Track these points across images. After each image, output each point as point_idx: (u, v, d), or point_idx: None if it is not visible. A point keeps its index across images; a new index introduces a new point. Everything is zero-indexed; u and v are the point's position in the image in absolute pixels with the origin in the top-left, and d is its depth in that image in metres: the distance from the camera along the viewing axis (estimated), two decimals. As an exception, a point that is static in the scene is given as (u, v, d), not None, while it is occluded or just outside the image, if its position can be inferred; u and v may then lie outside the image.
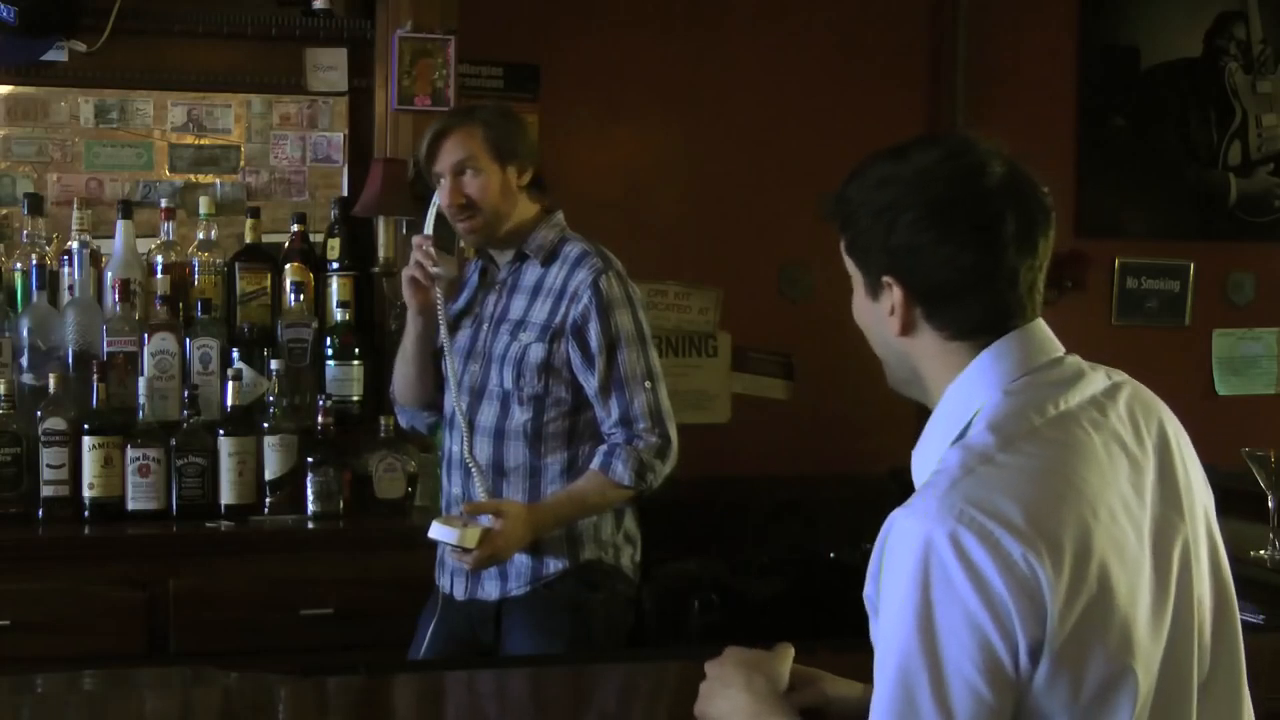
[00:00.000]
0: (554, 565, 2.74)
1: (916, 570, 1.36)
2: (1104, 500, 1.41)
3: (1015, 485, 1.39)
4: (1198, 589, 1.48)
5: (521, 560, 2.74)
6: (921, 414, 1.54)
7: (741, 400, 4.31)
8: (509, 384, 2.75)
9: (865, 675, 1.77)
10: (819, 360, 4.28)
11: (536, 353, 2.73)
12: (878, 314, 1.55)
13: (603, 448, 2.73)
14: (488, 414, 2.78)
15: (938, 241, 1.48)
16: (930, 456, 1.51)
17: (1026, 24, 4.52)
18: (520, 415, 2.74)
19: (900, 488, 1.50)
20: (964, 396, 1.50)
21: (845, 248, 1.57)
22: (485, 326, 2.83)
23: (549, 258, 2.80)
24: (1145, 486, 1.47)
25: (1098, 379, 1.53)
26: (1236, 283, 4.78)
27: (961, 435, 1.48)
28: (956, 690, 1.33)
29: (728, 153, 4.26)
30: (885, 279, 1.52)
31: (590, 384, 2.73)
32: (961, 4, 4.40)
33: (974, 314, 1.50)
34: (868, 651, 1.46)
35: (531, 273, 2.81)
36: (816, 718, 1.72)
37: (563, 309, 2.73)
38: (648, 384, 2.75)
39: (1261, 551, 2.94)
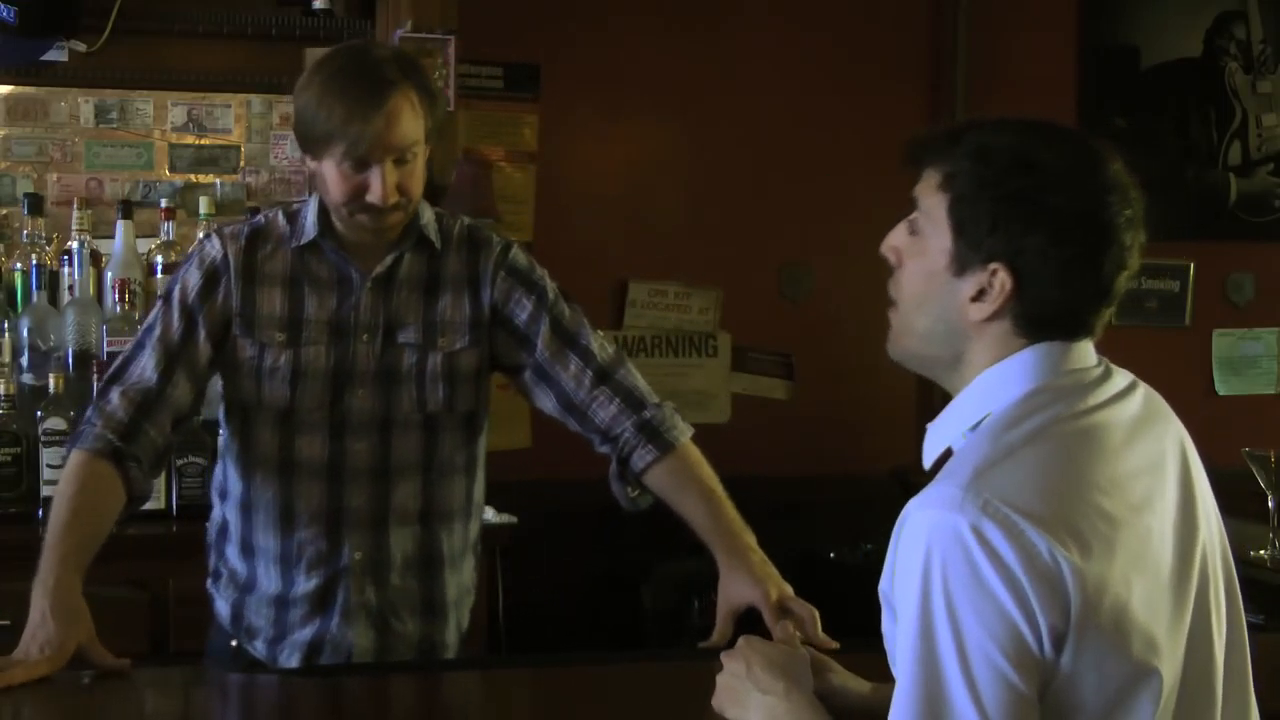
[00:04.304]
0: (447, 633, 2.31)
1: (936, 558, 1.34)
2: (1125, 499, 1.40)
3: (1040, 479, 1.37)
4: (1214, 590, 1.48)
5: (410, 627, 2.29)
6: (923, 415, 1.54)
7: (741, 400, 4.30)
8: (436, 406, 2.22)
9: (866, 675, 1.77)
10: (819, 360, 4.28)
11: (470, 361, 2.24)
12: (954, 289, 1.46)
13: (630, 434, 2.24)
14: (407, 450, 2.23)
15: (1073, 261, 1.42)
16: (949, 434, 1.49)
17: (1026, 24, 4.51)
18: (452, 444, 2.26)
19: (902, 488, 1.50)
20: (997, 383, 1.47)
21: (947, 209, 1.45)
22: (358, 339, 2.22)
23: (443, 241, 2.26)
24: (1166, 486, 1.47)
25: (1119, 380, 1.51)
26: (1236, 283, 4.77)
27: (980, 422, 1.46)
28: (981, 675, 1.32)
29: (728, 153, 4.26)
30: (993, 266, 1.43)
31: (555, 372, 2.24)
32: (962, 4, 4.40)
33: (1057, 323, 1.46)
34: (868, 651, 1.46)
35: (415, 264, 2.24)
36: None
37: (484, 298, 2.25)
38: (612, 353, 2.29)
39: (1262, 551, 2.94)
